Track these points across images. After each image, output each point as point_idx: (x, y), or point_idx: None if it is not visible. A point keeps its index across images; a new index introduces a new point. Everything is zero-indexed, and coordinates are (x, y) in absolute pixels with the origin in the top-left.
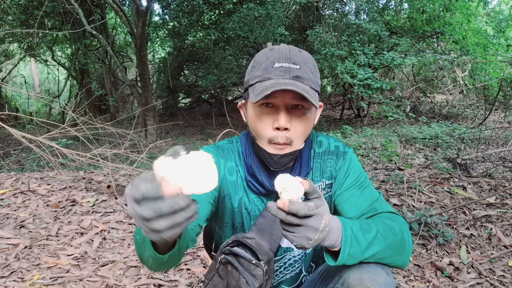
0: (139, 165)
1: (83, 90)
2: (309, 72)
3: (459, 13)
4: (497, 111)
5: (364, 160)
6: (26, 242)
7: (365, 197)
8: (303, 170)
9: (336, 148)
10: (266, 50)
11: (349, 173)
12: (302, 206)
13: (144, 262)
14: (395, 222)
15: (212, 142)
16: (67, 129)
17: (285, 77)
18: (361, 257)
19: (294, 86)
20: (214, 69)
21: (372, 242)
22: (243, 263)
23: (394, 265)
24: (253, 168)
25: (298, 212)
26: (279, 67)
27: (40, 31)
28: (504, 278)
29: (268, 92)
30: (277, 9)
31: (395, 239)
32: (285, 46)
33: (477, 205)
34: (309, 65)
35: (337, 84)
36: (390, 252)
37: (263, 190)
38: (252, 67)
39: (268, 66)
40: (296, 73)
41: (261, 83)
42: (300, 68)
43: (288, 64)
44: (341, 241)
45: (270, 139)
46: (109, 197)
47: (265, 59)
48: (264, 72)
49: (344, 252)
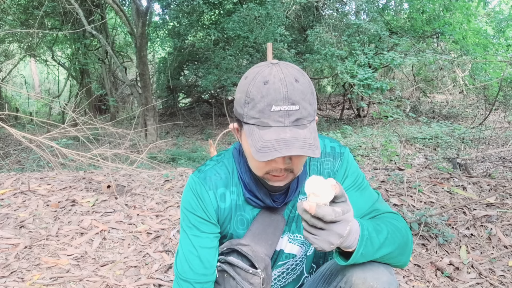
0: (139, 165)
1: (83, 90)
2: (307, 107)
3: (459, 13)
4: (497, 111)
5: (364, 160)
6: (26, 242)
7: (366, 198)
8: (301, 179)
9: (332, 149)
10: (260, 85)
11: (347, 174)
12: (329, 211)
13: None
14: (400, 223)
15: (212, 142)
16: (67, 129)
17: (285, 123)
18: (372, 257)
19: (298, 147)
20: (214, 69)
21: (384, 243)
22: (239, 273)
23: (396, 265)
24: (251, 186)
25: (324, 217)
26: (278, 111)
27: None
28: (504, 278)
29: (272, 158)
30: (277, 9)
31: (402, 240)
32: (280, 78)
33: (477, 205)
34: (307, 96)
35: (337, 84)
36: (397, 252)
37: (263, 204)
38: (245, 103)
39: (265, 109)
40: (296, 116)
41: (259, 132)
42: (299, 108)
43: (286, 107)
44: (357, 242)
45: (267, 171)
46: (109, 197)
47: (260, 97)
48: (261, 116)
49: (358, 252)
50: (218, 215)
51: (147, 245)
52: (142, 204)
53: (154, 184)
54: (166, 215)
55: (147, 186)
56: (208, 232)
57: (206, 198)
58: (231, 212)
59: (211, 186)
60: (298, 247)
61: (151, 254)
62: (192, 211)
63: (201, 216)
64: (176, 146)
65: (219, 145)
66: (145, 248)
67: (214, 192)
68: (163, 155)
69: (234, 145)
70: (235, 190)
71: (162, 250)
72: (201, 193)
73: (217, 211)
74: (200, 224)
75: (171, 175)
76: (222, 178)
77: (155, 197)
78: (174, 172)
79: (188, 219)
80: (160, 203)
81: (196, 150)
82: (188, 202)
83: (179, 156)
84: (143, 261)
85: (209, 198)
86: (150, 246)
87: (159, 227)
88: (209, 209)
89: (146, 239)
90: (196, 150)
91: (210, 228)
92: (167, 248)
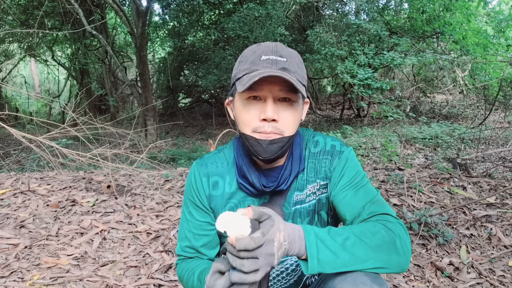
0: (139, 165)
1: (83, 90)
2: (295, 66)
3: (459, 13)
4: (497, 111)
5: (364, 160)
6: (26, 242)
7: (359, 198)
8: (294, 168)
9: (332, 147)
10: (252, 46)
11: (343, 173)
12: (248, 241)
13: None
14: (378, 222)
15: (212, 142)
16: (67, 129)
17: (272, 68)
18: (335, 260)
19: (282, 74)
20: (214, 69)
21: (344, 244)
22: None
23: (389, 269)
24: (244, 169)
25: (247, 248)
26: (266, 59)
27: (40, 31)
28: (504, 278)
29: (256, 79)
30: (277, 9)
31: (375, 238)
32: (272, 42)
33: (477, 205)
34: (296, 59)
35: (337, 84)
36: (375, 252)
37: (254, 190)
38: (239, 62)
39: (255, 59)
40: (283, 65)
41: (248, 75)
42: (287, 61)
43: (275, 57)
44: (305, 248)
45: (255, 128)
46: (109, 197)
47: (252, 53)
48: (251, 65)
49: (312, 258)
50: (210, 202)
51: (147, 245)
52: (142, 204)
53: (154, 184)
54: (166, 215)
55: (147, 186)
56: (199, 220)
57: (199, 184)
58: (223, 199)
59: (205, 173)
60: None
61: (151, 254)
62: (189, 196)
63: (194, 201)
64: (176, 146)
65: (219, 145)
66: (145, 248)
67: (207, 179)
68: (163, 155)
69: (235, 137)
70: (228, 179)
71: (162, 250)
72: (196, 179)
73: (209, 198)
74: (194, 210)
75: (171, 175)
76: (218, 167)
77: (155, 197)
78: (174, 172)
79: (186, 202)
80: (160, 203)
81: (196, 150)
82: (187, 186)
83: (179, 156)
84: (143, 261)
85: (202, 184)
86: (150, 246)
87: (159, 227)
88: (201, 194)
89: (146, 239)
90: (196, 150)
91: (202, 216)
92: (167, 248)
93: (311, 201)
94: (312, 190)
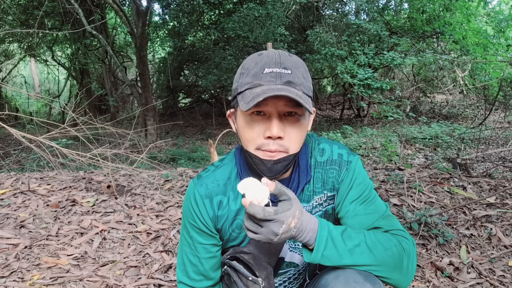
0: (139, 165)
1: (83, 90)
2: (300, 77)
3: (459, 13)
4: (497, 111)
5: (364, 160)
6: (26, 242)
7: (369, 214)
8: (301, 180)
9: (339, 156)
10: (254, 56)
11: (352, 185)
12: (259, 210)
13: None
14: (393, 237)
15: (212, 142)
16: (67, 129)
17: (276, 83)
18: (339, 261)
19: (287, 92)
20: (214, 69)
21: (353, 250)
22: (241, 278)
23: (390, 282)
24: None
25: (255, 215)
26: (270, 73)
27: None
28: (504, 278)
29: (260, 99)
30: (277, 9)
31: (385, 253)
32: (274, 51)
33: (477, 205)
34: (300, 69)
35: (337, 84)
36: (380, 266)
37: None
38: (241, 74)
39: (258, 72)
40: (288, 78)
41: (251, 90)
42: (292, 73)
43: (279, 69)
44: (315, 240)
45: (259, 146)
46: (109, 197)
47: (254, 64)
48: (254, 79)
49: (318, 251)
50: (216, 223)
51: (147, 245)
52: (142, 204)
53: (154, 184)
54: (166, 215)
55: (147, 186)
56: (204, 243)
57: (201, 207)
58: (230, 217)
59: (207, 195)
60: (299, 256)
61: (151, 254)
62: (189, 220)
63: (197, 225)
64: (176, 146)
65: (219, 145)
66: (145, 248)
67: (210, 200)
68: (163, 155)
69: (237, 147)
70: (232, 195)
71: (162, 250)
72: (198, 202)
73: (214, 219)
74: (196, 235)
75: (171, 175)
76: (220, 186)
77: (155, 197)
78: (174, 172)
79: (186, 226)
80: (160, 203)
81: (196, 150)
82: (186, 210)
83: (179, 156)
84: (143, 261)
85: (205, 207)
86: (150, 246)
87: (159, 227)
88: (205, 218)
89: (146, 239)
90: (196, 150)
91: (206, 239)
92: (167, 248)
93: (317, 212)
94: (319, 201)
